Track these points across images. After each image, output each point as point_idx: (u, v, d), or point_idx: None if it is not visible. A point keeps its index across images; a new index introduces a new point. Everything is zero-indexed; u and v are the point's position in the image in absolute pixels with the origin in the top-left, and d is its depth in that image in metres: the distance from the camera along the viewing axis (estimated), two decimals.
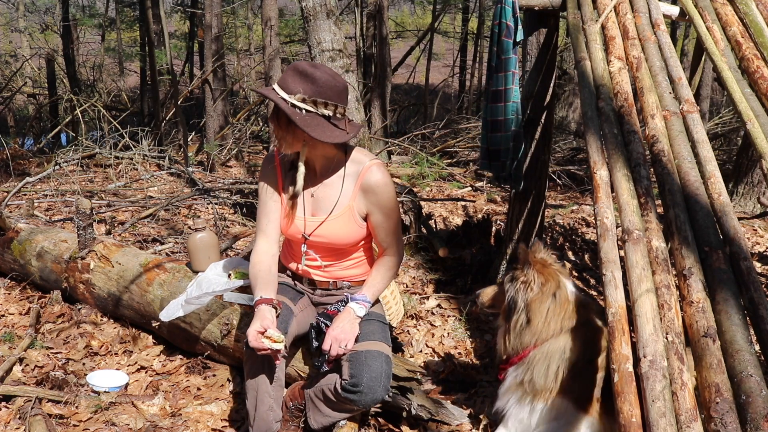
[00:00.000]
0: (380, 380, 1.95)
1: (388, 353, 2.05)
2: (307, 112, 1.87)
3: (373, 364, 1.96)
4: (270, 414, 2.06)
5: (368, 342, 2.03)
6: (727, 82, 2.40)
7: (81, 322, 3.05)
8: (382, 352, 2.02)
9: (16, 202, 4.93)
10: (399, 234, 2.14)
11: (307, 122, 1.86)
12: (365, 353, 1.99)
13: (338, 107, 1.90)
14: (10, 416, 2.30)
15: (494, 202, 5.97)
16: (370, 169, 2.00)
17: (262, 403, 2.03)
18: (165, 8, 8.13)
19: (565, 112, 9.64)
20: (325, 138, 1.87)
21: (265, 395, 2.03)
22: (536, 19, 3.18)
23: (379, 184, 2.00)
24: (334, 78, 1.89)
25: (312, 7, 3.67)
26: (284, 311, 2.10)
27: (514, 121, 3.14)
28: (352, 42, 10.61)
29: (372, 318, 2.14)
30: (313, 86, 1.85)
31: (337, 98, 1.89)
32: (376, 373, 1.95)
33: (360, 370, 1.95)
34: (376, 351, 2.00)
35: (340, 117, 1.91)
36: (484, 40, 12.77)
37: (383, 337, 2.09)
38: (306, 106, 1.86)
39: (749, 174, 5.58)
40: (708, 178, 2.06)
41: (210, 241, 2.79)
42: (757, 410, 1.41)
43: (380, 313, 2.21)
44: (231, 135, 8.61)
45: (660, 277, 1.77)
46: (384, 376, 1.97)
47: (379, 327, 2.12)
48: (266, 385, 2.03)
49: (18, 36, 15.66)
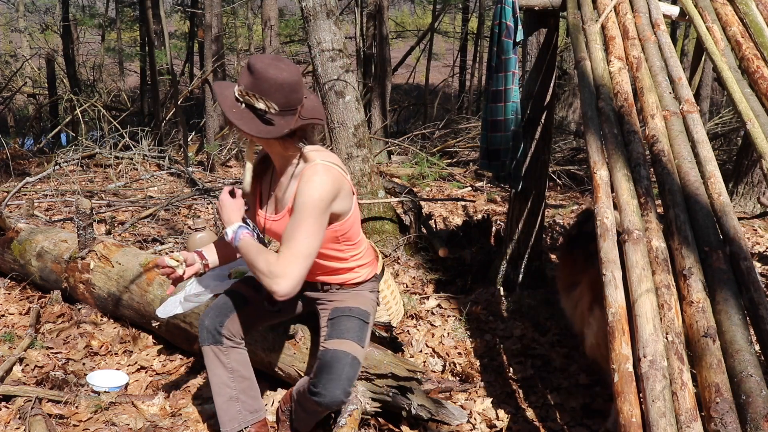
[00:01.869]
0: (339, 382, 1.90)
1: (356, 354, 1.98)
2: (246, 106, 1.82)
3: (335, 366, 1.92)
4: (233, 405, 2.09)
5: (338, 340, 1.99)
6: (727, 82, 2.40)
7: (81, 322, 3.05)
8: (349, 353, 1.96)
9: (16, 202, 4.94)
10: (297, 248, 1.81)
11: (238, 115, 1.82)
12: (331, 352, 1.96)
13: (268, 101, 1.80)
14: (10, 416, 2.30)
15: (494, 202, 5.97)
16: (309, 168, 1.88)
17: (219, 395, 2.09)
18: (165, 8, 8.13)
19: (565, 112, 9.64)
20: (252, 131, 1.81)
21: (223, 387, 2.09)
22: (536, 19, 3.18)
23: (306, 181, 1.85)
24: (278, 71, 1.80)
25: (312, 7, 3.67)
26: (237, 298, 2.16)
27: (514, 121, 3.14)
28: (352, 42, 10.60)
29: (353, 315, 2.07)
30: (252, 79, 1.80)
31: (273, 92, 1.80)
32: (336, 375, 1.90)
33: (321, 369, 1.93)
34: (342, 351, 1.96)
35: (274, 112, 1.81)
36: (484, 40, 12.76)
37: (357, 337, 2.02)
38: (243, 99, 1.82)
39: (749, 174, 5.58)
40: (708, 178, 2.06)
41: (210, 241, 2.79)
42: (757, 410, 1.41)
43: (365, 310, 2.11)
44: (231, 135, 8.59)
45: (660, 277, 1.77)
46: (344, 378, 1.91)
47: (356, 325, 2.05)
48: (224, 376, 2.08)
49: (18, 36, 15.65)
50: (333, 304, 2.13)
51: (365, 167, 3.87)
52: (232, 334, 2.10)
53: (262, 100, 1.80)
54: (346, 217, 1.99)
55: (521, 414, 2.42)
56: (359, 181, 3.84)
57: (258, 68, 1.80)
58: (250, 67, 1.82)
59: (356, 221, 2.07)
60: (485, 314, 3.24)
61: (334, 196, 1.88)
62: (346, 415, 2.13)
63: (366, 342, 2.07)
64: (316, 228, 1.84)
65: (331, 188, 1.86)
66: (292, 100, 1.83)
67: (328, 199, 1.86)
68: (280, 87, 1.80)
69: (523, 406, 2.48)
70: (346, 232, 2.02)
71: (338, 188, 1.89)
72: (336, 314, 2.09)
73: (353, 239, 2.07)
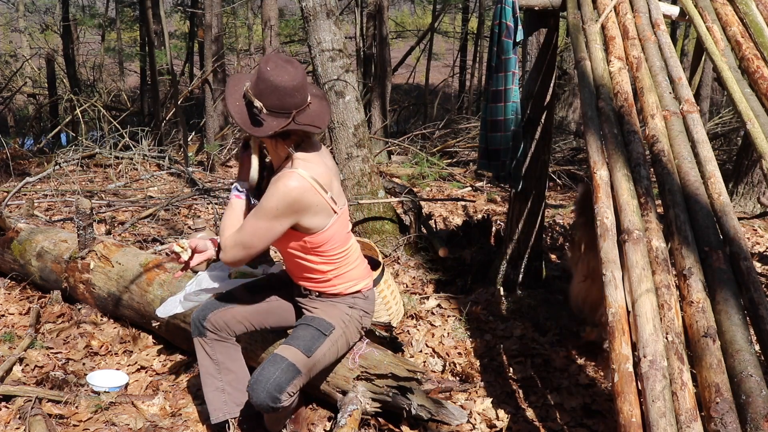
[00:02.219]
0: (264, 385, 1.90)
1: (295, 362, 1.97)
2: (247, 103, 1.91)
3: (267, 368, 1.94)
4: (219, 395, 2.16)
5: (284, 346, 2.01)
6: (727, 82, 2.40)
7: (81, 322, 3.05)
8: (286, 359, 1.96)
9: (16, 202, 4.94)
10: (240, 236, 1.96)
11: (237, 108, 1.91)
12: (272, 355, 1.99)
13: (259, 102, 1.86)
14: (10, 416, 2.30)
15: (494, 202, 5.97)
16: (287, 174, 1.91)
17: (206, 385, 2.18)
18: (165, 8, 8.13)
19: (565, 112, 9.64)
20: (243, 125, 1.91)
21: (209, 377, 2.17)
22: (536, 19, 3.18)
23: (274, 186, 1.89)
24: (277, 74, 1.85)
25: (312, 7, 3.67)
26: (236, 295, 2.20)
27: (514, 121, 3.14)
28: (352, 42, 10.61)
29: (311, 324, 2.07)
30: (255, 78, 1.90)
31: (266, 94, 1.86)
32: (264, 377, 1.91)
33: (256, 370, 1.96)
34: (280, 356, 1.97)
35: (266, 113, 1.88)
36: (484, 40, 12.76)
37: (304, 346, 2.00)
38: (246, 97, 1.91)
39: (749, 174, 5.58)
40: (708, 178, 2.06)
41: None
42: (757, 410, 1.41)
43: (328, 323, 2.09)
44: (231, 135, 8.61)
45: (660, 277, 1.77)
46: (271, 382, 1.90)
47: (311, 334, 2.04)
48: (210, 367, 2.17)
49: (18, 36, 15.66)
50: (308, 313, 2.15)
51: (365, 167, 3.87)
52: (216, 327, 2.15)
53: (255, 99, 1.87)
54: (316, 232, 1.97)
55: (521, 414, 2.42)
56: (359, 181, 3.84)
57: (262, 68, 1.87)
58: (260, 64, 1.90)
59: (333, 239, 2.03)
60: (485, 314, 3.24)
61: (294, 210, 1.89)
62: (346, 415, 2.14)
63: (318, 353, 2.03)
64: (262, 230, 1.92)
65: (292, 200, 1.88)
66: (287, 104, 1.88)
67: (284, 209, 1.88)
68: (275, 90, 1.86)
69: (523, 406, 2.48)
70: (319, 245, 2.01)
71: (302, 203, 1.89)
72: (301, 322, 2.12)
73: (329, 253, 2.04)
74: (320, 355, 2.05)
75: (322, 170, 1.97)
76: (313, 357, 2.02)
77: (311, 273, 2.09)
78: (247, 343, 2.44)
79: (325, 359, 2.09)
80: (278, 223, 1.91)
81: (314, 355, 2.02)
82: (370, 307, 2.22)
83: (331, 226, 1.99)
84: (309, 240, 1.98)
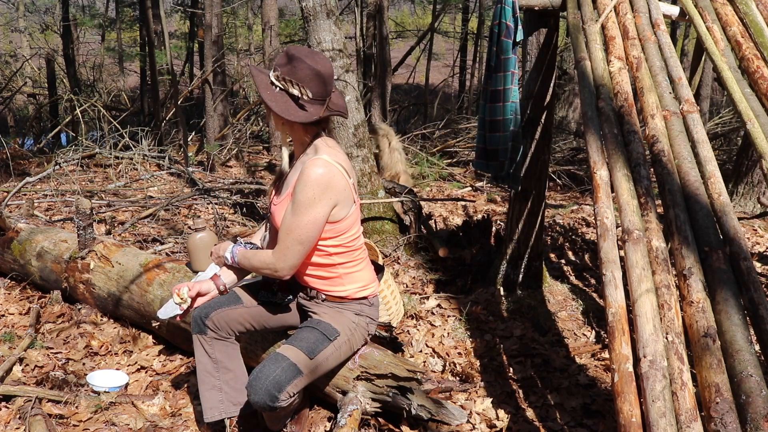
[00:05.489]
0: (264, 383, 1.89)
1: (296, 361, 1.95)
2: (280, 90, 1.93)
3: (267, 366, 1.93)
4: (216, 394, 2.16)
5: (286, 346, 2.01)
6: (727, 82, 2.40)
7: (81, 322, 3.05)
8: (287, 358, 1.95)
9: (16, 202, 4.94)
10: (292, 241, 1.94)
11: (272, 97, 1.93)
12: (273, 353, 1.99)
13: (304, 88, 1.91)
14: (10, 416, 2.30)
15: (494, 202, 5.97)
16: (312, 161, 1.94)
17: (202, 383, 2.18)
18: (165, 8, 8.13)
19: (565, 112, 9.63)
20: (284, 114, 1.91)
21: (207, 375, 2.17)
22: (536, 19, 3.18)
23: (304, 176, 1.92)
24: (314, 62, 1.91)
25: (312, 7, 3.67)
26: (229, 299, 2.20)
27: (513, 121, 3.14)
28: (352, 42, 10.61)
29: (317, 328, 2.06)
30: (289, 66, 1.92)
31: (308, 80, 1.90)
32: (264, 375, 1.91)
33: (256, 367, 1.96)
34: (282, 355, 1.96)
35: (307, 99, 1.92)
36: (484, 40, 12.75)
37: (307, 348, 1.99)
38: (279, 84, 1.93)
39: (749, 174, 5.59)
40: (708, 178, 2.06)
41: (210, 241, 2.79)
42: (757, 410, 1.41)
43: (334, 328, 2.07)
44: (231, 135, 8.61)
45: (660, 277, 1.77)
46: (271, 380, 1.89)
47: (315, 336, 2.03)
48: (208, 365, 2.17)
49: (18, 36, 15.66)
50: (314, 316, 2.13)
51: (365, 167, 3.87)
52: (216, 326, 2.15)
53: (297, 86, 1.91)
54: (339, 220, 1.99)
55: (521, 414, 2.42)
56: (359, 181, 3.84)
57: (298, 57, 1.91)
58: (289, 54, 1.93)
59: (351, 229, 2.05)
60: (485, 314, 3.24)
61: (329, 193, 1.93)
62: (346, 415, 2.13)
63: (320, 356, 2.02)
64: (308, 223, 1.93)
65: (326, 184, 1.92)
66: (327, 90, 1.94)
67: (320, 193, 1.92)
68: (316, 76, 1.91)
69: (523, 406, 2.48)
70: (339, 234, 2.02)
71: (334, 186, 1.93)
72: (306, 325, 2.11)
73: (347, 242, 2.05)
74: (323, 358, 2.03)
75: (345, 156, 2.04)
76: (316, 359, 2.01)
77: (322, 269, 2.07)
78: (247, 343, 2.44)
79: (328, 363, 2.07)
80: (320, 209, 1.93)
81: (317, 358, 2.01)
82: (375, 314, 2.21)
83: (352, 215, 2.04)
84: (330, 227, 2.00)
